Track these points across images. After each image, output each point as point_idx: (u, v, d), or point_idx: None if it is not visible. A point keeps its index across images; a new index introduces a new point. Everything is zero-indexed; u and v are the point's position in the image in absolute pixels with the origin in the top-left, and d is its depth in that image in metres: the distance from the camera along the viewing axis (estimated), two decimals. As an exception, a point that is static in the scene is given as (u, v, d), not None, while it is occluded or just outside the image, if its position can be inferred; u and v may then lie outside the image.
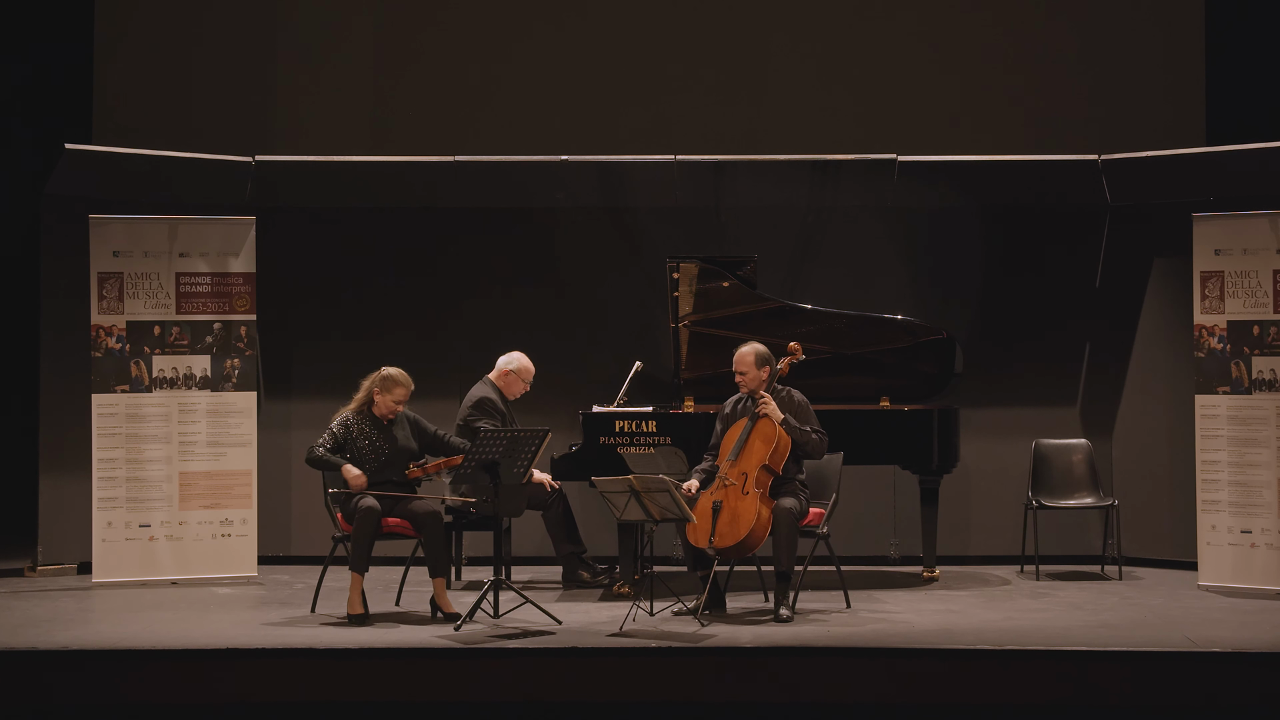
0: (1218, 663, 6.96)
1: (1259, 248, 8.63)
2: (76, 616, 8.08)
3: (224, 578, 9.08)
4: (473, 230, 10.03)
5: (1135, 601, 8.41)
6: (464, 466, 7.81)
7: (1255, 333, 8.64)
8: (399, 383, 8.14)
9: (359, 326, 9.92)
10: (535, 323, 9.91)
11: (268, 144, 10.39)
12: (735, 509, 7.81)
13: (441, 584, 7.91)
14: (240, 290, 9.28)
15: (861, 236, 9.96)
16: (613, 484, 7.61)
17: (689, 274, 9.04)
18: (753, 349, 8.13)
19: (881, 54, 10.68)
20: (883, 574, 9.34)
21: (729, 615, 7.94)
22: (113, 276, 9.13)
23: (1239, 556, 8.60)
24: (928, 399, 9.09)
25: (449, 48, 10.76)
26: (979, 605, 8.30)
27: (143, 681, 6.99)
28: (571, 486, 9.00)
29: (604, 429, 8.76)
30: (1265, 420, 8.59)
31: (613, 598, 8.46)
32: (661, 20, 10.76)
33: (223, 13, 10.74)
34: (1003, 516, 9.68)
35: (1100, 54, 10.59)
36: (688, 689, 7.01)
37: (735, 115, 10.66)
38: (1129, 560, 9.38)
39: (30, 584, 9.10)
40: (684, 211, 9.99)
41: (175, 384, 9.17)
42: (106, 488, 9.04)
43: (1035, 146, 10.26)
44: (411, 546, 8.33)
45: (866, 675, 6.98)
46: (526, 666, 7.07)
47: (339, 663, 7.08)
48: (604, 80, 10.73)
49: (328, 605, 8.06)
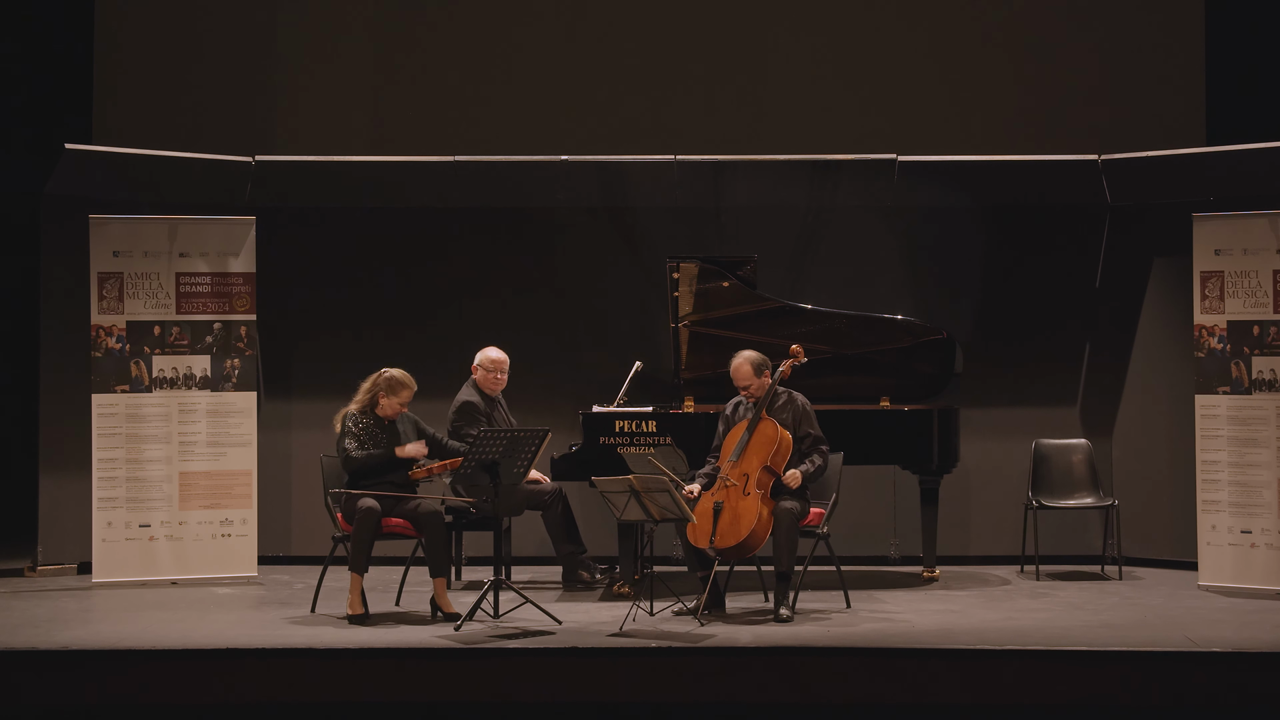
0: (1218, 663, 6.95)
1: (1259, 248, 8.63)
2: (76, 616, 8.08)
3: (224, 578, 9.08)
4: (473, 230, 10.02)
5: (1135, 601, 8.41)
6: (464, 466, 7.82)
7: (1255, 333, 8.64)
8: (405, 385, 8.14)
9: (359, 327, 9.91)
10: (535, 323, 9.91)
11: (268, 144, 10.40)
12: (736, 509, 7.81)
13: (442, 584, 7.91)
14: (240, 290, 9.28)
15: (861, 236, 9.95)
16: (613, 484, 7.61)
17: (689, 274, 9.04)
18: (746, 359, 8.10)
19: (881, 54, 10.68)
20: (883, 574, 9.34)
21: (729, 615, 7.94)
22: (113, 276, 9.13)
23: (1239, 556, 8.60)
24: (928, 399, 9.08)
25: (449, 48, 10.76)
26: (979, 605, 8.30)
27: (143, 681, 6.99)
28: (571, 486, 9.00)
29: (604, 429, 8.76)
30: (1265, 420, 8.59)
31: (613, 598, 8.46)
32: (661, 20, 10.76)
33: (222, 13, 10.74)
34: (1003, 516, 9.67)
35: (1100, 54, 10.59)
36: (688, 689, 7.01)
37: (735, 115, 10.66)
38: (1129, 560, 9.38)
39: (30, 584, 9.10)
40: (684, 211, 9.98)
41: (175, 384, 9.17)
42: (106, 488, 9.04)
43: (1035, 146, 10.25)
44: (411, 546, 8.33)
45: (866, 675, 6.98)
46: (526, 666, 7.07)
47: (339, 663, 7.09)
48: (604, 80, 10.73)
49: (328, 605, 8.06)
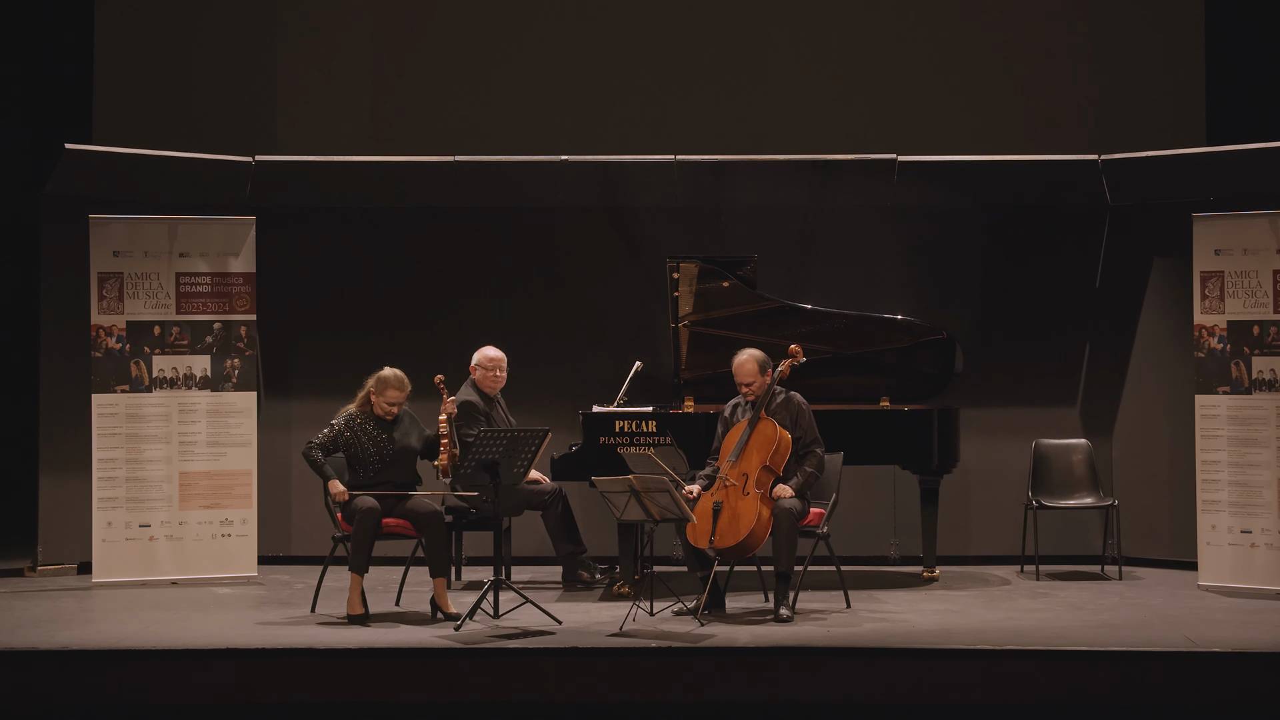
0: (1218, 663, 6.96)
1: (1259, 248, 8.63)
2: (76, 616, 8.08)
3: (224, 578, 9.08)
4: (473, 230, 10.02)
5: (1135, 601, 8.41)
6: (464, 466, 7.82)
7: (1255, 333, 8.64)
8: (389, 384, 8.14)
9: (359, 326, 9.91)
10: (535, 323, 9.91)
11: (268, 144, 10.39)
12: (736, 509, 7.81)
13: (442, 584, 7.91)
14: (240, 290, 9.28)
15: (861, 236, 9.95)
16: (613, 484, 7.61)
17: (689, 274, 9.04)
18: (751, 357, 8.10)
19: (882, 54, 10.67)
20: (883, 574, 9.34)
21: (729, 615, 7.94)
22: (113, 276, 9.13)
23: (1239, 556, 8.60)
24: (928, 399, 9.08)
25: (448, 47, 10.75)
26: (979, 605, 8.30)
27: (143, 682, 6.99)
28: (571, 486, 9.00)
29: (604, 429, 8.76)
30: (1265, 420, 8.59)
31: (613, 598, 8.46)
32: (661, 20, 10.75)
33: (222, 13, 10.73)
34: (1003, 516, 9.67)
35: (1100, 54, 10.58)
36: (688, 689, 7.01)
37: (735, 115, 10.65)
38: (1129, 560, 9.38)
39: (30, 584, 9.10)
40: (684, 211, 9.98)
41: (175, 384, 9.17)
42: (106, 488, 9.04)
43: (1035, 146, 10.24)
44: (411, 546, 8.33)
45: (866, 675, 6.98)
46: (526, 666, 7.07)
47: (339, 663, 7.09)
48: (604, 80, 10.72)
49: (328, 605, 8.06)
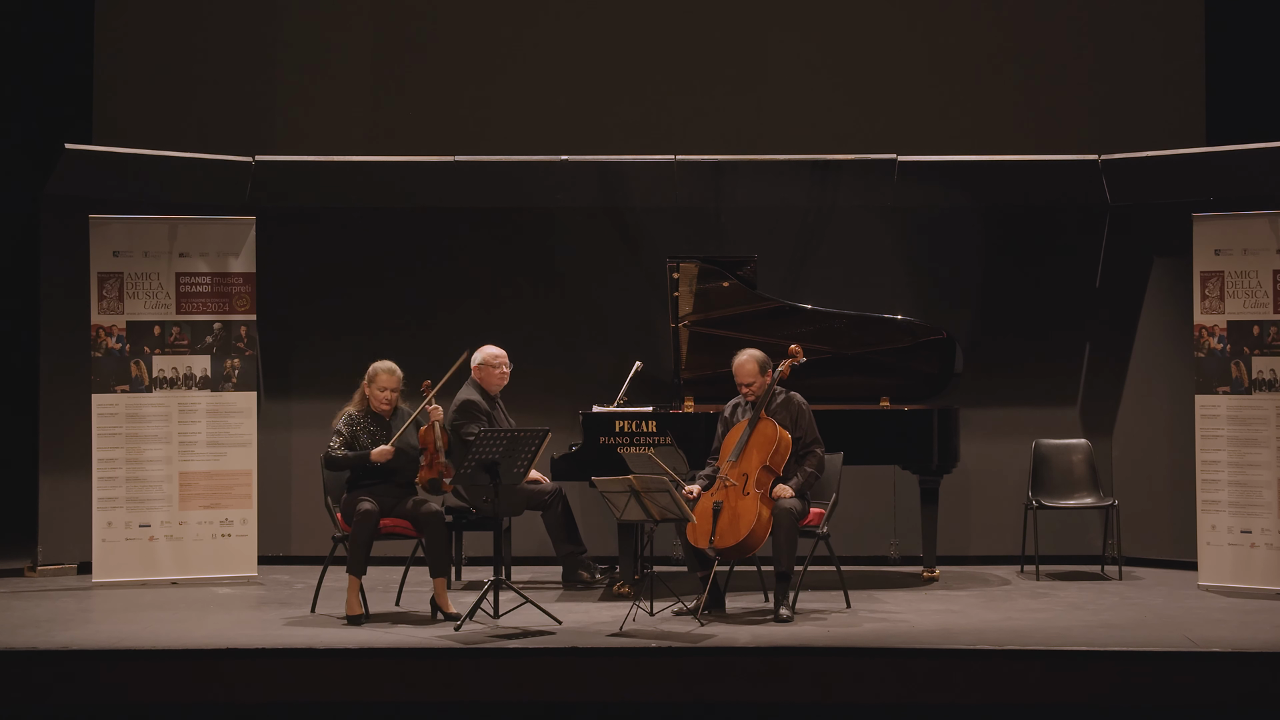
0: (1218, 663, 6.96)
1: (1259, 248, 8.63)
2: (76, 616, 8.08)
3: (224, 578, 9.08)
4: (473, 230, 10.02)
5: (1135, 601, 8.41)
6: (464, 466, 7.82)
7: (1255, 333, 8.64)
8: (380, 370, 8.16)
9: (359, 326, 9.91)
10: (535, 323, 9.91)
11: (268, 144, 10.39)
12: (736, 509, 7.81)
13: (442, 584, 7.91)
14: (240, 290, 9.28)
15: (861, 236, 9.95)
16: (613, 484, 7.61)
17: (689, 274, 9.04)
18: (752, 357, 8.11)
19: (881, 54, 10.68)
20: (883, 574, 9.34)
21: (729, 615, 7.94)
22: (113, 276, 9.13)
23: (1239, 556, 8.60)
24: (928, 399, 9.08)
25: (448, 48, 10.75)
26: (979, 605, 8.30)
27: (143, 681, 6.99)
28: (571, 486, 9.00)
29: (604, 429, 8.76)
30: (1265, 420, 8.59)
31: (613, 598, 8.46)
32: (661, 20, 10.75)
33: (222, 13, 10.73)
34: (1003, 516, 9.67)
35: (1100, 54, 10.58)
36: (688, 689, 7.01)
37: (735, 115, 10.64)
38: (1129, 560, 9.37)
39: (30, 584, 9.10)
40: (684, 211, 9.98)
41: (175, 384, 9.17)
42: (106, 488, 9.04)
43: (1035, 146, 10.24)
44: (411, 546, 8.33)
45: (866, 675, 6.98)
46: (526, 666, 7.07)
47: (339, 663, 7.09)
48: (604, 80, 10.72)
49: (327, 605, 8.06)
